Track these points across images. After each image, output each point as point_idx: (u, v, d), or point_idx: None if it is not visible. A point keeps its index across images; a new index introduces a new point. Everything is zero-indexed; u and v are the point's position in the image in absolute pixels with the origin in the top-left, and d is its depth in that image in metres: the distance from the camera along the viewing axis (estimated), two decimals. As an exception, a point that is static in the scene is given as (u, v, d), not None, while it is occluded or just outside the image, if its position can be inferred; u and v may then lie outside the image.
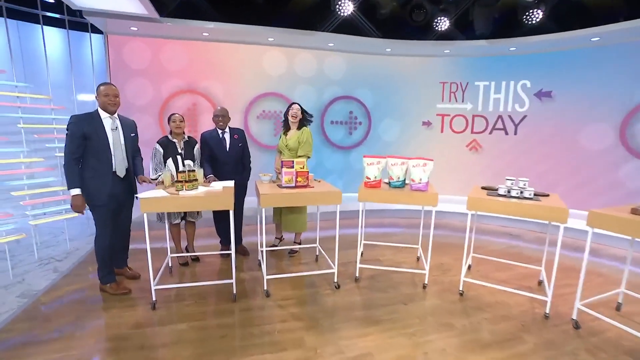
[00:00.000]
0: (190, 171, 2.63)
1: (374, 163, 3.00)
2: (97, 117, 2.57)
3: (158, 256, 3.44)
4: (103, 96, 2.55)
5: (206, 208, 2.51)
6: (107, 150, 2.57)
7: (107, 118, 2.60)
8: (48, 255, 3.56)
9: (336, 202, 2.76)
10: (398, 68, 5.21)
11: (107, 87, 2.58)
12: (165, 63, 4.43)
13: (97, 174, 2.55)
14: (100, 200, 2.59)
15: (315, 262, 3.51)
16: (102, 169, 2.56)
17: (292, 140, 3.41)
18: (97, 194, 2.57)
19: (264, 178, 3.14)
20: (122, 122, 2.72)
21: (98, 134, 2.52)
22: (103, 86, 2.57)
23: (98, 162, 2.55)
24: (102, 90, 2.56)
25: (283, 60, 4.83)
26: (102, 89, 2.56)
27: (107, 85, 2.59)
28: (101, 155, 2.55)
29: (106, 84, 2.60)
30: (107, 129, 2.58)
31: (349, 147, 5.35)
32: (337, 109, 5.19)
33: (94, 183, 2.55)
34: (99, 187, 2.56)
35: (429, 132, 5.34)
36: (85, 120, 2.51)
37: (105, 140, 2.55)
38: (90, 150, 2.52)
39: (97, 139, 2.52)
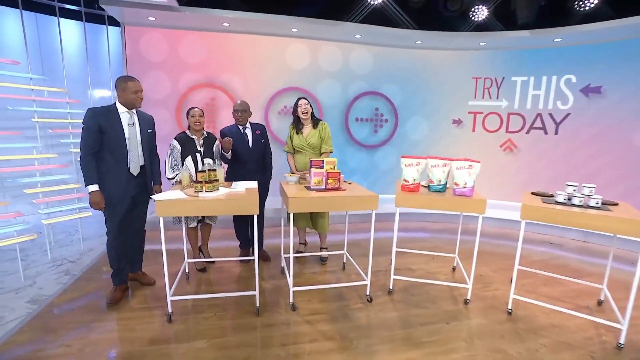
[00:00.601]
0: (210, 170, 2.39)
1: (413, 164, 2.70)
2: (115, 112, 2.41)
3: (174, 259, 3.23)
4: (132, 93, 2.40)
5: (229, 213, 2.25)
6: (123, 146, 2.40)
7: (125, 113, 2.44)
8: (61, 256, 3.40)
9: (372, 208, 2.48)
10: (428, 62, 4.88)
11: (135, 83, 2.42)
12: (183, 55, 4.22)
13: (111, 171, 2.40)
14: (114, 198, 2.42)
15: (342, 270, 3.24)
16: (116, 166, 2.40)
17: (313, 137, 3.16)
18: (110, 192, 2.41)
19: (290, 178, 2.87)
20: (140, 117, 2.54)
21: (114, 129, 2.37)
22: (131, 82, 2.41)
23: (112, 158, 2.39)
24: (130, 86, 2.40)
25: (306, 53, 4.56)
26: (130, 85, 2.40)
27: (134, 80, 2.43)
28: (116, 151, 2.39)
29: (133, 79, 2.43)
30: (124, 124, 2.41)
31: (374, 145, 5.06)
32: (362, 106, 4.91)
33: (107, 180, 2.40)
34: (112, 184, 2.40)
35: (459, 130, 5.00)
36: (101, 114, 2.35)
37: (121, 135, 2.39)
38: (106, 145, 2.37)
39: (113, 134, 2.36)
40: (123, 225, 2.54)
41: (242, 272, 3.12)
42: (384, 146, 5.08)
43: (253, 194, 2.37)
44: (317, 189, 2.59)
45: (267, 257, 3.38)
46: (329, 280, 3.01)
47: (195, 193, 2.31)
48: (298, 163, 3.25)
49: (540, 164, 4.64)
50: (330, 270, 3.23)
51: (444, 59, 4.84)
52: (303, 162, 3.21)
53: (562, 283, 3.03)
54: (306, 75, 4.60)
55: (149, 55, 4.14)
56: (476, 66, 4.79)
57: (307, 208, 2.40)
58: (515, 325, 2.39)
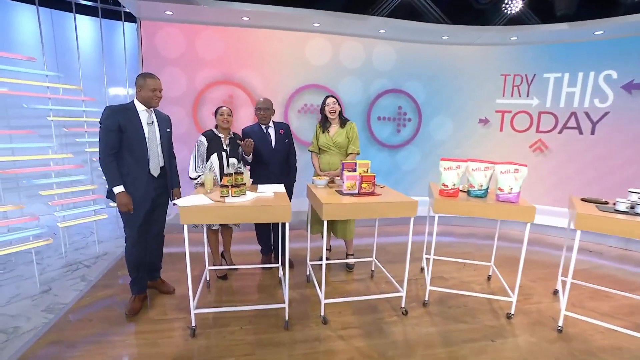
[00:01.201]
0: (237, 174, 2.21)
1: (453, 168, 2.49)
2: (133, 110, 2.29)
3: (193, 264, 3.05)
4: (150, 90, 2.28)
5: (258, 220, 2.07)
6: (143, 145, 2.27)
7: (144, 111, 2.32)
8: (76, 260, 3.27)
9: (411, 214, 2.30)
10: (454, 58, 4.64)
11: (155, 81, 2.30)
12: (200, 51, 4.07)
13: (131, 172, 2.26)
14: (134, 201, 2.28)
15: (370, 278, 3.06)
16: (136, 166, 2.27)
17: (340, 137, 3.00)
18: (131, 194, 2.27)
19: (319, 182, 2.69)
20: (158, 116, 2.41)
21: (134, 128, 2.24)
22: (150, 79, 2.28)
23: (132, 158, 2.25)
24: (149, 84, 2.27)
25: (328, 49, 4.38)
26: (149, 82, 2.27)
27: (154, 78, 2.31)
28: (136, 151, 2.26)
29: (152, 77, 2.30)
30: (143, 123, 2.29)
31: (397, 145, 4.85)
32: (385, 104, 4.70)
33: (127, 181, 2.26)
34: (132, 186, 2.27)
35: (486, 130, 4.75)
36: (120, 112, 2.23)
37: (141, 134, 2.27)
38: (125, 145, 2.24)
39: (132, 133, 2.23)
40: (143, 230, 2.39)
41: (265, 280, 2.95)
42: (407, 146, 4.87)
43: (284, 199, 2.20)
44: (350, 193, 2.42)
45: (291, 264, 3.22)
46: (358, 290, 2.82)
47: (221, 198, 2.14)
48: (323, 163, 3.09)
49: (573, 166, 4.37)
50: (358, 278, 3.05)
51: (471, 54, 4.60)
52: (328, 162, 3.05)
53: (611, 297, 2.79)
54: (327, 72, 4.42)
55: (165, 51, 3.99)
56: (505, 62, 4.54)
57: (342, 215, 2.22)
58: (569, 346, 2.17)
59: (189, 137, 4.10)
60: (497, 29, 4.11)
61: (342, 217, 2.24)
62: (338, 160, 3.04)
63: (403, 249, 3.78)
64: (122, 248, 3.51)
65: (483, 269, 3.28)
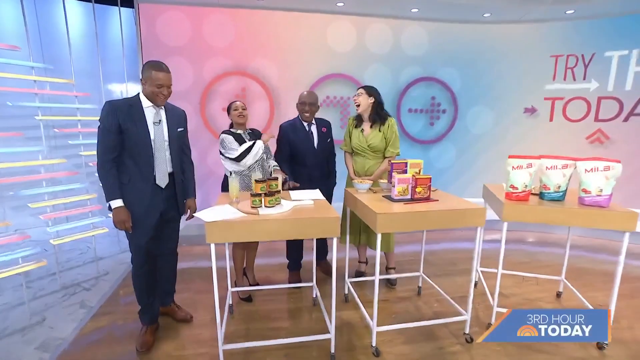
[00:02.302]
0: (271, 179, 1.98)
1: (523, 166, 2.24)
2: (138, 106, 2.03)
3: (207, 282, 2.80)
4: (155, 86, 1.98)
5: (304, 236, 1.84)
6: (148, 149, 2.02)
7: (150, 108, 2.05)
8: (73, 281, 3.03)
9: (478, 224, 2.08)
10: (495, 39, 4.41)
11: (162, 74, 1.99)
12: (208, 38, 3.88)
13: (134, 181, 2.02)
14: (137, 216, 2.03)
15: (417, 295, 2.83)
16: (139, 175, 2.02)
17: (375, 138, 2.74)
18: (133, 208, 2.02)
19: (361, 186, 2.46)
20: (169, 113, 2.15)
21: (137, 128, 1.99)
22: (157, 71, 1.98)
23: (135, 166, 2.01)
24: (154, 77, 1.97)
25: (352, 33, 4.18)
26: (155, 75, 1.97)
27: (161, 69, 2.00)
28: (140, 156, 2.02)
29: (159, 67, 2.00)
30: (149, 122, 2.03)
31: (430, 141, 4.65)
32: (416, 94, 4.51)
33: (128, 193, 2.01)
34: (134, 198, 2.02)
35: (532, 121, 4.51)
36: (122, 109, 1.97)
37: (146, 136, 2.01)
38: (127, 148, 2.01)
39: (135, 135, 1.98)
40: (151, 250, 2.15)
41: (296, 301, 2.71)
42: (441, 141, 4.67)
43: (329, 209, 1.99)
44: (402, 199, 2.18)
45: (329, 270, 3.04)
46: (407, 311, 2.58)
47: (254, 209, 1.89)
48: (357, 166, 2.84)
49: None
50: (403, 296, 2.82)
51: (516, 34, 4.36)
52: (363, 165, 2.80)
53: None
54: (351, 59, 4.24)
55: (168, 39, 3.80)
56: (557, 41, 4.27)
57: (400, 226, 1.98)
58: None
59: (196, 137, 3.90)
60: (550, 2, 3.84)
61: (399, 230, 2.01)
62: (376, 163, 2.80)
63: (450, 259, 3.54)
64: (126, 265, 3.28)
65: (547, 284, 3.00)
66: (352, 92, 4.26)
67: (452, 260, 3.53)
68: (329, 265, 3.14)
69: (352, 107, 4.31)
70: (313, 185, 2.61)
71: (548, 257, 3.60)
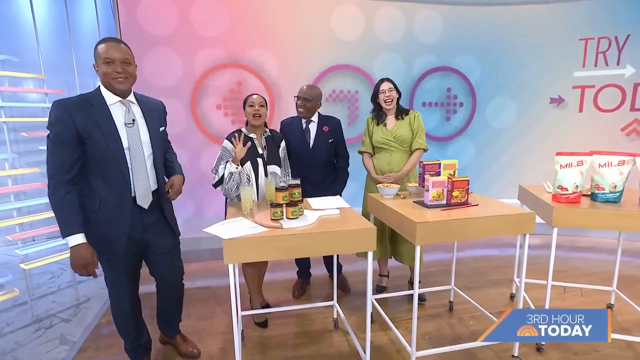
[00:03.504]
0: (292, 187, 1.88)
1: (573, 164, 2.17)
2: (100, 103, 1.72)
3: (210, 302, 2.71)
4: (103, 63, 1.68)
5: (338, 251, 1.80)
6: (120, 160, 1.74)
7: (118, 104, 1.76)
8: (48, 311, 2.84)
9: (526, 230, 2.02)
10: (517, 23, 4.39)
11: (108, 44, 1.69)
12: (198, 26, 3.78)
13: (106, 205, 1.75)
14: (112, 248, 1.79)
15: (449, 312, 2.76)
16: (112, 195, 1.76)
17: (402, 129, 2.76)
18: (108, 237, 1.78)
19: (388, 190, 2.35)
20: (144, 107, 1.87)
21: (104, 133, 1.69)
22: (102, 45, 1.69)
23: (105, 184, 1.74)
24: (99, 52, 1.68)
25: (359, 19, 4.14)
26: (99, 50, 1.69)
27: (108, 41, 1.70)
28: (109, 170, 1.74)
29: (105, 40, 1.71)
30: (118, 124, 1.74)
31: (446, 137, 4.62)
32: (431, 86, 4.48)
33: (101, 221, 1.76)
34: (109, 227, 1.77)
35: (559, 112, 4.50)
36: (78, 110, 1.66)
37: (115, 143, 1.72)
38: (91, 162, 1.72)
39: (102, 143, 1.68)
40: (135, 284, 1.98)
41: (312, 323, 2.62)
42: (459, 137, 4.65)
43: (360, 219, 1.92)
44: (437, 205, 2.11)
45: (346, 286, 3.07)
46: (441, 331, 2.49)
47: (275, 221, 1.77)
48: (382, 164, 2.81)
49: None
50: (433, 313, 2.74)
51: (540, 16, 4.34)
52: (389, 161, 2.78)
53: None
54: (358, 49, 4.20)
55: (151, 27, 3.68)
56: (586, 22, 4.25)
57: (442, 236, 1.89)
58: None
59: (187, 138, 3.82)
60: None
61: (440, 240, 1.93)
62: (402, 158, 2.78)
63: (479, 269, 3.48)
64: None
65: (593, 294, 2.93)
66: (360, 84, 4.28)
67: (481, 269, 3.48)
68: (345, 280, 3.10)
69: (361, 102, 4.27)
70: (310, 191, 2.59)
71: (587, 264, 3.55)
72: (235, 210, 2.09)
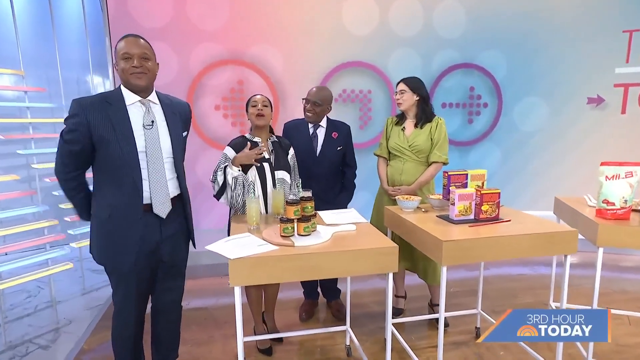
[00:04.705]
0: (305, 200, 1.91)
1: (621, 175, 2.21)
2: (119, 103, 1.80)
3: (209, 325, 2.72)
4: (122, 60, 1.77)
5: (355, 273, 1.84)
6: (135, 167, 1.79)
7: (137, 104, 1.84)
8: (23, 336, 2.85)
9: (569, 251, 2.02)
10: (549, 14, 4.42)
11: (127, 39, 1.80)
12: (195, 18, 3.86)
13: (117, 214, 1.81)
14: (122, 260, 1.84)
15: (475, 339, 2.75)
16: (123, 204, 1.81)
17: (420, 137, 2.77)
18: (117, 250, 1.84)
19: (408, 204, 2.39)
20: (167, 108, 1.94)
21: (118, 136, 1.75)
22: (122, 41, 1.80)
23: (117, 191, 1.80)
24: (118, 49, 1.79)
25: (373, 11, 4.20)
26: (118, 47, 1.79)
27: (127, 37, 1.81)
28: (121, 176, 1.79)
29: (126, 37, 1.82)
30: (135, 126, 1.80)
31: (468, 142, 4.65)
32: (451, 85, 4.52)
33: (111, 231, 1.83)
34: (120, 239, 1.83)
35: (599, 113, 4.54)
36: (94, 109, 1.75)
37: (129, 146, 1.78)
38: (103, 167, 1.81)
39: (114, 145, 1.75)
40: (143, 301, 2.01)
41: (322, 350, 2.63)
42: (482, 142, 4.67)
43: (380, 237, 1.97)
44: (465, 220, 2.14)
45: (341, 311, 2.99)
46: None
47: (286, 238, 1.80)
48: (393, 172, 2.85)
49: None
50: (458, 340, 2.75)
51: (577, 5, 4.38)
52: (400, 170, 2.80)
53: None
54: (372, 44, 4.26)
55: (143, 19, 3.76)
56: (631, 11, 4.28)
57: (469, 256, 1.92)
58: None
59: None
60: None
61: (469, 261, 1.95)
62: (416, 169, 2.79)
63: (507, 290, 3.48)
64: (95, 310, 3.13)
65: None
66: (372, 83, 4.37)
67: (509, 290, 3.47)
68: (342, 306, 3.03)
69: (374, 102, 4.32)
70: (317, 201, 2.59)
71: (635, 287, 3.53)
72: (240, 225, 2.11)
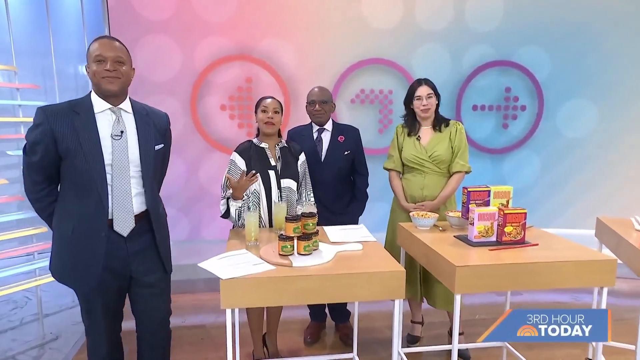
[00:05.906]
0: (307, 216, 1.97)
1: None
2: (86, 111, 1.85)
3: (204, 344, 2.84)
4: (94, 63, 1.82)
5: (359, 298, 1.99)
6: (100, 179, 1.84)
7: (107, 112, 1.88)
8: (6, 352, 2.97)
9: (605, 283, 1.98)
10: (600, 5, 4.40)
11: (100, 41, 1.85)
12: (201, 10, 3.95)
13: (79, 230, 1.87)
14: (86, 277, 1.89)
15: None
16: (86, 219, 1.87)
17: (441, 146, 2.79)
18: (79, 267, 1.90)
19: (423, 222, 2.42)
20: (140, 118, 1.99)
21: (82, 146, 1.80)
22: (94, 43, 1.85)
23: (81, 206, 1.86)
24: (90, 51, 1.84)
25: (396, 2, 4.23)
26: (90, 49, 1.84)
27: (101, 39, 1.87)
28: (86, 190, 1.85)
29: (99, 39, 1.88)
30: (103, 135, 1.85)
31: (503, 149, 4.65)
32: (484, 85, 4.53)
33: (73, 248, 1.90)
34: (81, 255, 1.89)
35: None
36: (59, 118, 1.80)
37: (95, 157, 1.82)
38: (68, 180, 1.88)
39: (79, 157, 1.81)
40: (116, 323, 2.10)
41: None
42: (519, 149, 4.67)
43: (387, 258, 2.01)
44: (485, 243, 2.14)
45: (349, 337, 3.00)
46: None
47: (284, 257, 1.87)
48: (412, 187, 2.84)
49: None
50: None
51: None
52: (421, 185, 2.81)
53: None
54: (395, 39, 4.29)
55: (146, 10, 3.88)
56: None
57: (487, 285, 1.93)
58: None
59: (184, 144, 3.99)
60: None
61: (485, 290, 2.01)
62: (439, 182, 2.81)
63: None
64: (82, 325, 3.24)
65: None
66: (395, 83, 4.32)
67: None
68: (351, 330, 3.01)
69: (395, 104, 4.33)
70: (321, 213, 2.60)
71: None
72: (237, 240, 2.18)
